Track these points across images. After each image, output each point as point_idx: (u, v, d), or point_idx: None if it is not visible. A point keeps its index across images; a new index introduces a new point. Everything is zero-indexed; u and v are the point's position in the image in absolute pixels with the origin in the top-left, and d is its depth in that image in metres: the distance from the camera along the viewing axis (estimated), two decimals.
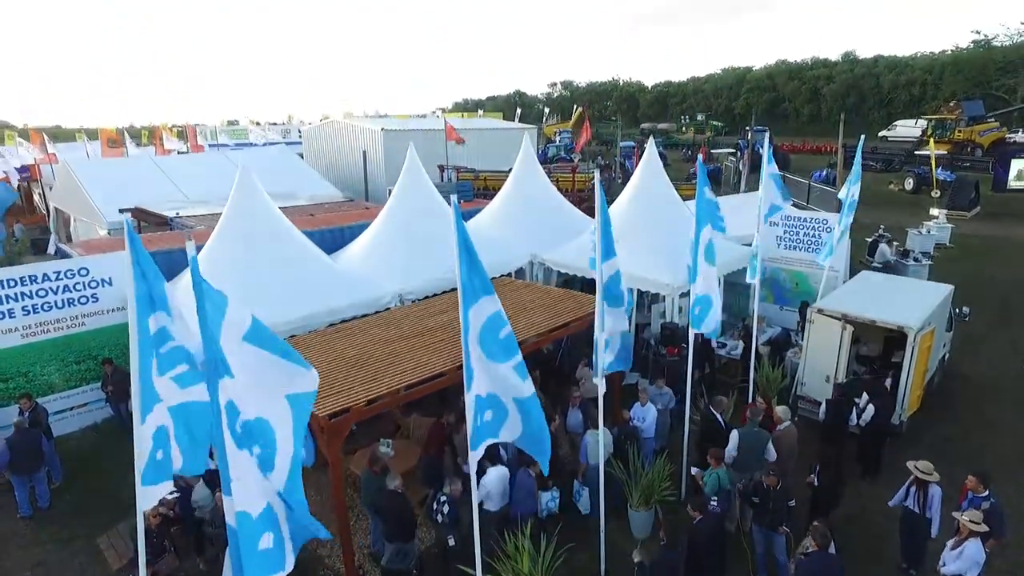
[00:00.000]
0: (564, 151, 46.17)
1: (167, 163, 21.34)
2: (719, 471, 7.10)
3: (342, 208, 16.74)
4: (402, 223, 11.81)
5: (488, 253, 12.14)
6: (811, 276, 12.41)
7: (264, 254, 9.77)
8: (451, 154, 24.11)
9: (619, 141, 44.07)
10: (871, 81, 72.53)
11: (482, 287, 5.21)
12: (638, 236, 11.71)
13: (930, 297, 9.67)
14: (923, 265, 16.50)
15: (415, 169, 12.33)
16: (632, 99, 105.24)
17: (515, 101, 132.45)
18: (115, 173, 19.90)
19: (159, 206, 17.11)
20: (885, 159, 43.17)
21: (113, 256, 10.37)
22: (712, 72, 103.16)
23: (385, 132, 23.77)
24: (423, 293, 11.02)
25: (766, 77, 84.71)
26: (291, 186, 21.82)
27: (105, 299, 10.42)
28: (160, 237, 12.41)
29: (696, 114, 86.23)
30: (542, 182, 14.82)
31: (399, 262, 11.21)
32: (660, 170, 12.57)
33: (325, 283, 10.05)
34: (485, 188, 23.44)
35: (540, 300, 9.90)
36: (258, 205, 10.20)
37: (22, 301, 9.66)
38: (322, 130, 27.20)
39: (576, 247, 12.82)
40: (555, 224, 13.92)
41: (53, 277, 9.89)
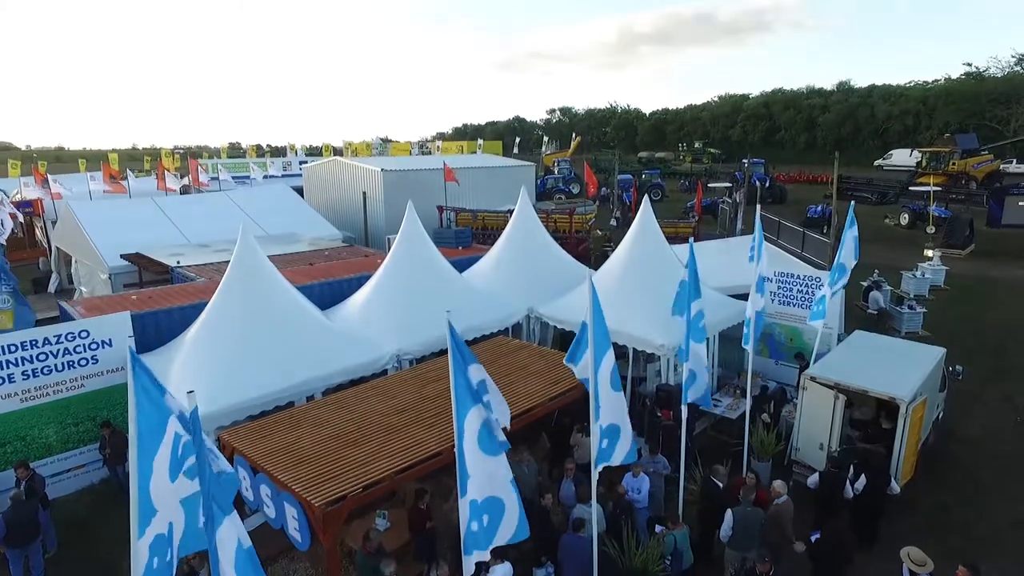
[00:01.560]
0: (562, 182, 46.60)
1: (168, 204, 21.54)
2: (676, 532, 7.49)
3: (341, 255, 16.87)
4: (400, 280, 11.94)
5: (485, 310, 12.44)
6: (806, 331, 12.50)
7: (264, 319, 9.87)
8: (450, 193, 24.37)
9: (617, 173, 44.41)
10: (866, 110, 73.51)
11: (479, 389, 5.30)
12: (633, 294, 11.88)
13: (922, 364, 9.75)
14: (917, 313, 16.61)
15: (413, 224, 12.49)
16: (630, 126, 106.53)
17: (514, 127, 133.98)
18: (117, 215, 20.09)
19: (160, 251, 17.26)
20: (880, 191, 43.55)
21: (114, 317, 10.44)
22: (709, 99, 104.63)
23: (385, 173, 24.05)
24: (421, 352, 11.12)
25: (762, 106, 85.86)
26: (291, 226, 22.06)
27: (104, 360, 10.48)
28: (162, 293, 12.51)
29: (694, 142, 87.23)
30: (539, 232, 14.98)
31: (397, 320, 11.32)
32: (655, 227, 12.74)
33: (324, 347, 10.14)
34: (483, 228, 23.67)
35: (537, 364, 9.99)
36: (258, 267, 10.31)
37: (22, 366, 9.72)
38: (322, 168, 27.50)
39: (573, 301, 12.95)
40: (552, 276, 14.05)
41: (54, 341, 9.96)
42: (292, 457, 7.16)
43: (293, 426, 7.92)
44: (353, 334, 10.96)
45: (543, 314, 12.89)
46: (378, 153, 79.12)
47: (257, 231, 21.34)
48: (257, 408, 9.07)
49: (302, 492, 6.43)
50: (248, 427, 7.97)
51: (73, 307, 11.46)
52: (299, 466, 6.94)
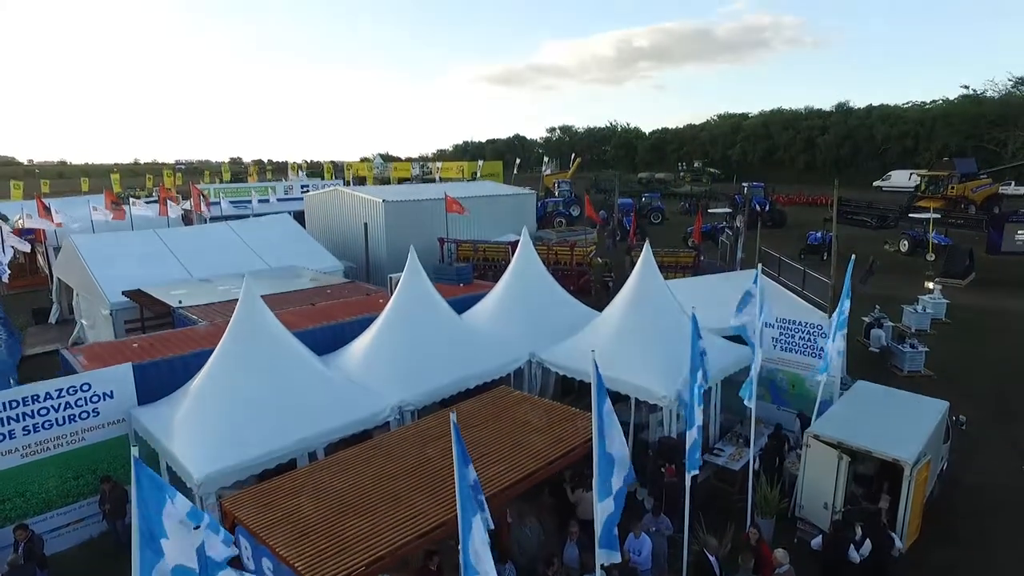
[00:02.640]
0: (563, 205, 46.73)
1: (170, 237, 21.61)
2: None
3: (343, 292, 16.89)
4: (403, 328, 11.94)
5: (487, 356, 12.42)
6: (807, 379, 12.49)
7: (266, 375, 9.87)
8: (451, 222, 24.47)
9: (617, 197, 44.59)
10: (864, 132, 74.05)
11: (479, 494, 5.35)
12: (635, 344, 11.87)
13: (926, 420, 9.73)
14: (919, 352, 16.60)
15: (416, 271, 12.51)
16: (630, 145, 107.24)
17: (515, 145, 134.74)
18: (119, 249, 20.12)
19: (162, 289, 17.28)
20: (880, 216, 43.67)
21: (115, 370, 10.43)
22: (708, 118, 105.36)
23: (386, 203, 24.16)
24: (422, 403, 11.10)
25: (761, 126, 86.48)
26: (293, 258, 22.12)
27: (105, 412, 10.46)
28: (163, 339, 12.50)
29: (693, 161, 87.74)
30: (541, 273, 15.00)
31: (398, 369, 11.31)
32: (656, 275, 12.77)
33: (326, 401, 10.11)
34: (484, 259, 23.74)
35: (539, 419, 9.96)
36: (261, 321, 10.32)
37: (23, 421, 9.70)
38: (324, 197, 27.65)
39: (575, 346, 12.94)
40: (554, 318, 14.07)
41: (55, 395, 9.95)
42: (294, 528, 7.12)
43: (295, 492, 7.87)
44: (355, 386, 10.94)
45: (545, 360, 12.87)
46: (379, 172, 79.54)
47: (259, 264, 21.46)
48: (259, 467, 9.03)
49: (304, 571, 6.38)
50: (249, 493, 7.93)
51: (75, 356, 11.44)
52: (301, 540, 6.89)
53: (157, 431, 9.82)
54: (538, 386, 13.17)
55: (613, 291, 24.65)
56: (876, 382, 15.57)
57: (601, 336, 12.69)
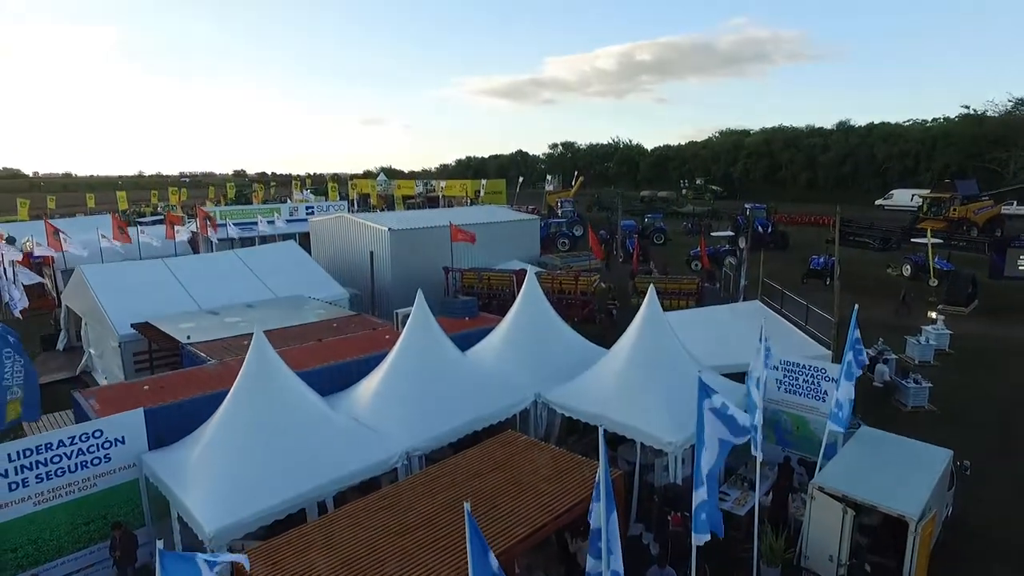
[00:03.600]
0: (566, 226, 46.94)
1: (178, 266, 21.79)
2: None
3: (350, 327, 17.03)
4: (410, 373, 12.06)
5: (494, 398, 12.52)
6: (812, 421, 12.58)
7: (275, 425, 10.00)
8: (455, 248, 24.65)
9: (620, 219, 44.86)
10: (866, 150, 74.48)
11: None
12: (640, 387, 11.98)
13: (931, 471, 9.81)
14: (923, 388, 16.66)
15: (424, 314, 12.65)
16: (632, 161, 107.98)
17: (518, 161, 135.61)
18: (127, 280, 20.29)
19: (170, 321, 17.44)
20: (882, 237, 43.84)
21: (127, 416, 10.55)
22: (710, 136, 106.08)
23: (392, 232, 24.37)
24: (430, 448, 11.20)
25: (763, 143, 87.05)
26: (299, 286, 22.26)
27: (117, 458, 10.57)
28: (172, 381, 12.64)
29: (695, 178, 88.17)
30: (546, 311, 15.12)
31: (406, 414, 11.42)
32: (662, 319, 12.88)
33: (334, 450, 10.21)
34: (489, 288, 23.89)
35: (546, 467, 10.05)
36: (270, 370, 10.45)
37: (36, 469, 9.82)
38: (329, 223, 27.90)
39: (580, 386, 13.05)
40: (559, 357, 14.19)
41: (68, 442, 10.07)
42: None
43: (304, 548, 7.97)
44: (363, 431, 11.05)
45: (550, 401, 12.97)
46: (383, 190, 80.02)
47: (265, 293, 21.63)
48: (270, 518, 9.13)
49: None
50: (260, 550, 8.01)
51: (87, 400, 11.57)
52: None
53: (168, 478, 9.94)
54: (544, 426, 13.27)
55: (618, 319, 24.86)
56: (880, 417, 15.77)
57: (605, 377, 12.81)
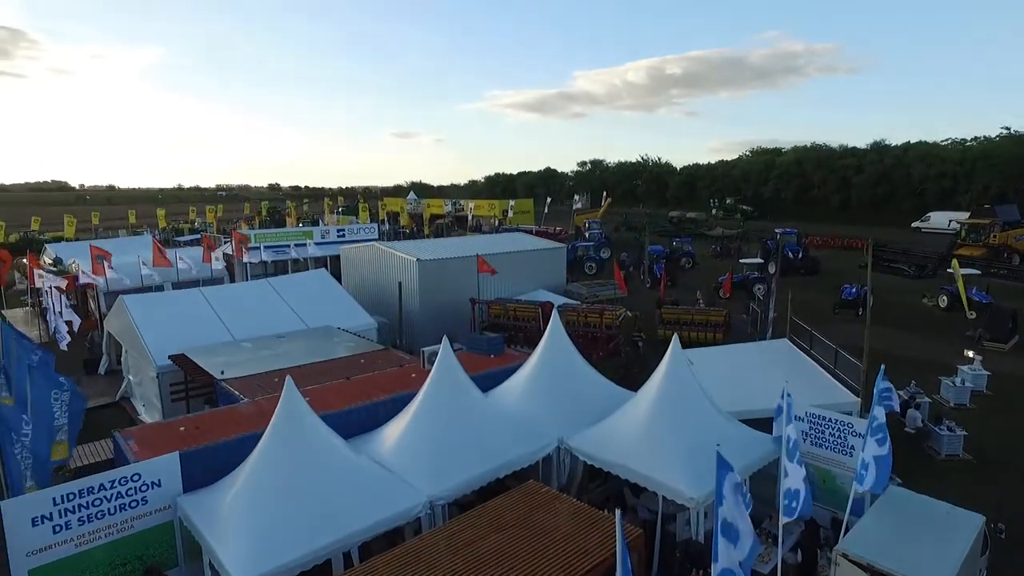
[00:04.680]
0: (593, 249, 46.97)
1: (214, 296, 22.50)
2: None
3: (377, 363, 17.37)
4: (435, 419, 12.28)
5: (517, 443, 12.65)
6: (839, 475, 12.43)
7: (305, 474, 10.29)
8: (483, 277, 24.94)
9: (648, 242, 44.67)
10: (901, 171, 72.88)
11: None
12: (663, 438, 11.99)
13: (962, 538, 9.62)
14: (957, 436, 16.28)
15: (449, 362, 12.88)
16: (660, 180, 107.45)
17: (546, 178, 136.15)
18: (166, 310, 21.09)
19: (205, 354, 18.03)
20: (918, 264, 42.91)
21: (163, 460, 10.97)
22: (741, 154, 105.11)
23: (420, 262, 24.79)
24: (453, 497, 11.37)
25: (795, 163, 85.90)
26: (329, 315, 22.81)
27: (153, 500, 10.97)
28: (207, 421, 13.08)
29: (726, 198, 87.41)
30: (571, 353, 15.23)
31: (429, 461, 11.63)
32: (686, 368, 12.89)
33: (361, 499, 10.45)
34: (515, 319, 24.09)
35: (567, 523, 10.12)
36: (301, 419, 10.78)
37: (78, 512, 10.26)
38: (360, 251, 28.53)
39: (604, 432, 13.10)
40: (584, 401, 14.27)
41: (108, 486, 10.51)
42: None
43: None
44: (388, 477, 11.28)
45: (573, 447, 13.04)
46: (412, 208, 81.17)
47: (297, 323, 22.20)
48: (296, 569, 9.37)
49: None
50: None
51: (126, 440, 12.06)
52: None
53: (200, 523, 10.29)
54: (566, 472, 13.34)
55: (644, 352, 24.79)
56: (913, 467, 15.47)
57: (628, 425, 12.84)
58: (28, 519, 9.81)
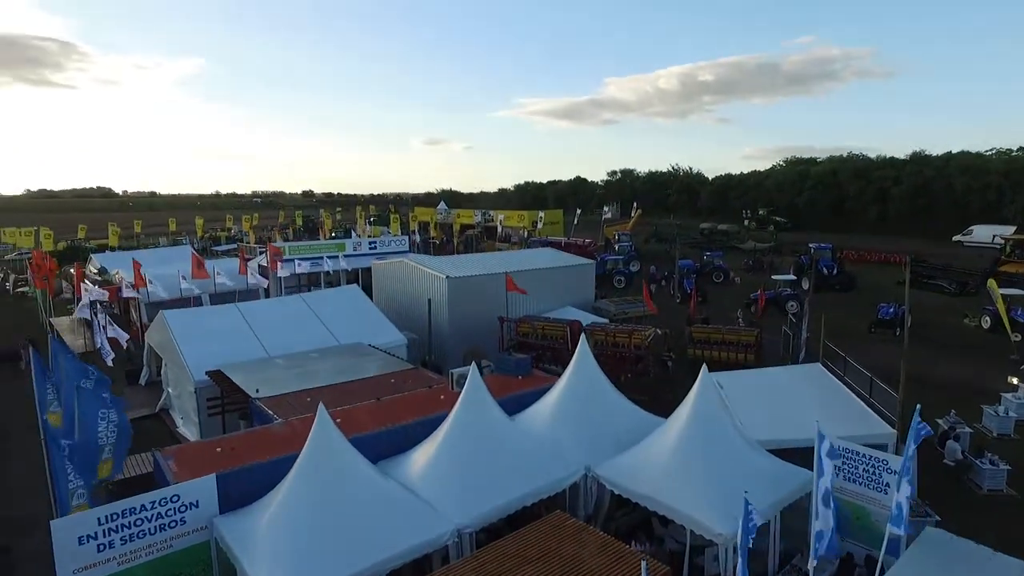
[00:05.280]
0: (622, 263, 46.76)
1: (250, 312, 23.09)
2: None
3: (407, 382, 17.60)
4: (463, 445, 12.42)
5: (545, 471, 12.72)
6: (873, 512, 12.16)
7: (334, 499, 10.54)
8: (511, 294, 25.07)
9: (678, 254, 44.30)
10: (942, 182, 70.80)
11: None
12: (692, 469, 11.92)
13: None
14: (1000, 470, 15.78)
15: (478, 388, 13.03)
16: (692, 190, 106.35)
17: (576, 187, 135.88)
18: (204, 324, 21.72)
19: (241, 371, 18.53)
20: (959, 281, 41.69)
21: (200, 482, 11.32)
22: (774, 164, 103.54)
23: (449, 280, 25.05)
24: (480, 525, 11.48)
25: (830, 173, 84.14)
26: (360, 332, 23.19)
27: (191, 520, 11.31)
28: (242, 442, 13.45)
29: (758, 209, 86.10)
30: (599, 379, 15.24)
31: (458, 488, 11.77)
32: (717, 399, 12.82)
33: (389, 526, 10.63)
34: (544, 336, 24.15)
35: (592, 558, 10.13)
36: (332, 446, 11.05)
37: (121, 532, 10.64)
38: (391, 267, 28.97)
39: (632, 461, 13.07)
40: (612, 428, 14.26)
41: (149, 507, 10.87)
42: None
43: None
44: (417, 504, 11.45)
45: (600, 476, 13.04)
46: (443, 218, 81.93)
47: (329, 339, 22.62)
48: None
49: None
50: None
51: (165, 460, 12.48)
52: None
53: (235, 546, 10.59)
54: (593, 500, 13.34)
55: (673, 371, 24.58)
56: (952, 502, 15.03)
57: (657, 454, 12.79)
58: (75, 537, 10.22)
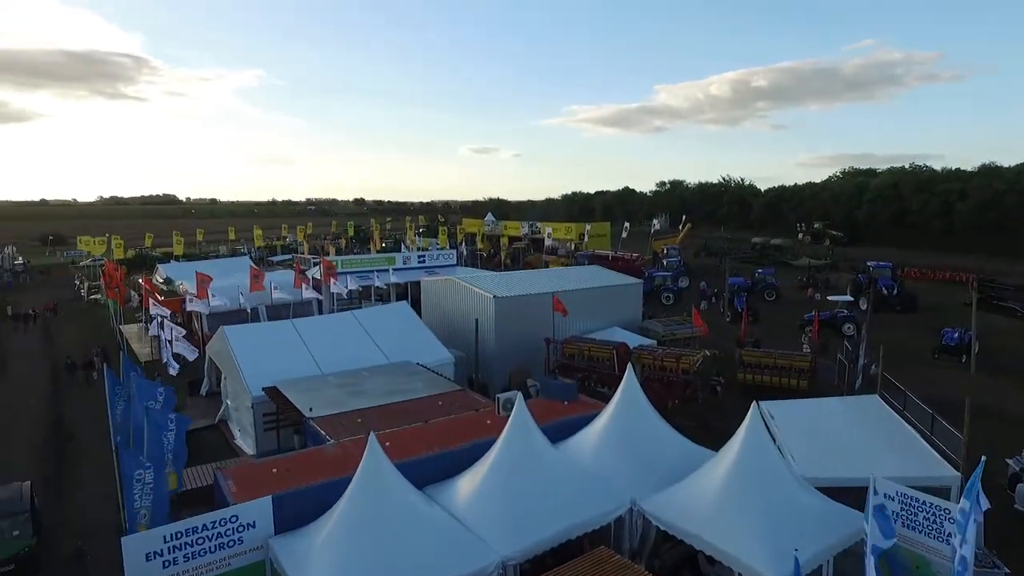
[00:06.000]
0: (670, 280, 46.16)
1: (304, 328, 23.90)
2: None
3: (454, 405, 17.89)
4: (509, 476, 12.54)
5: (590, 504, 12.71)
6: (934, 563, 11.65)
7: (384, 526, 10.82)
8: (558, 314, 25.16)
9: (728, 271, 43.43)
10: (1014, 198, 67.02)
11: None
12: (741, 508, 11.70)
13: None
14: None
15: (523, 420, 13.15)
16: (743, 202, 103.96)
17: (624, 198, 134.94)
18: (262, 340, 22.60)
19: (295, 387, 19.20)
20: None
21: (257, 504, 11.79)
22: (831, 175, 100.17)
23: (496, 299, 25.33)
24: (525, 557, 11.56)
25: (891, 186, 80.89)
26: (408, 350, 23.69)
27: (248, 540, 11.79)
28: (297, 463, 13.94)
29: (814, 222, 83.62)
30: (645, 409, 15.14)
31: (503, 519, 11.89)
32: (767, 435, 12.56)
33: (437, 553, 10.85)
34: (590, 358, 24.10)
35: None
36: (382, 475, 11.36)
37: (184, 550, 11.20)
38: (439, 284, 29.53)
39: (679, 497, 12.91)
40: (659, 460, 14.14)
41: (210, 526, 11.41)
42: None
43: None
44: (463, 533, 11.63)
45: (647, 511, 12.92)
46: (490, 230, 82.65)
47: (379, 357, 23.18)
48: None
49: None
50: None
51: (225, 479, 13.06)
52: None
53: (288, 566, 11.00)
54: (638, 535, 13.23)
55: (722, 398, 24.11)
56: (1022, 550, 14.23)
57: (705, 491, 12.59)
58: (143, 554, 10.81)
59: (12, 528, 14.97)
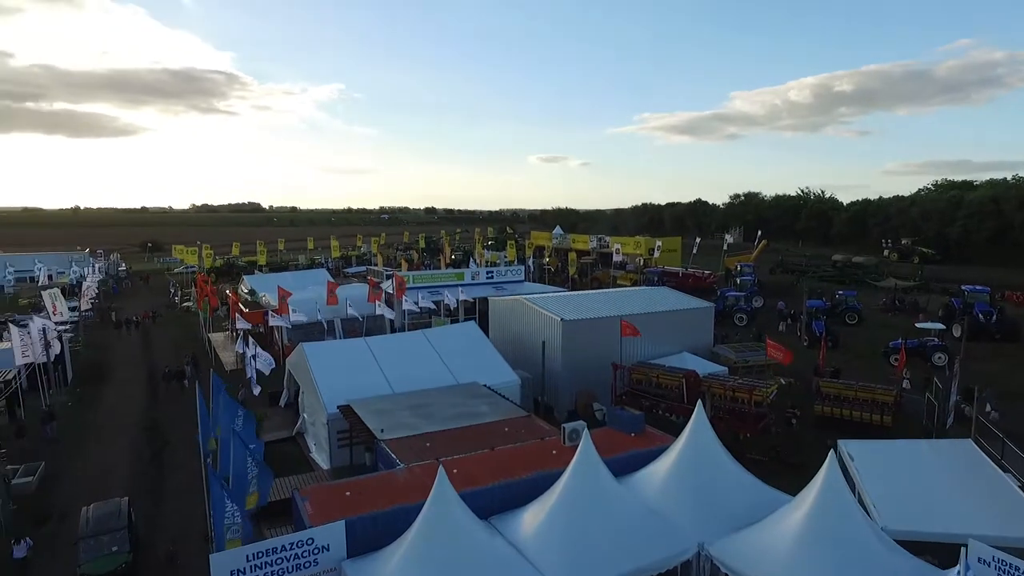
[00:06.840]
0: (744, 300, 44.67)
1: (376, 346, 24.77)
2: None
3: (520, 432, 18.07)
4: (573, 515, 12.57)
5: (656, 546, 12.54)
6: None
7: (451, 557, 11.11)
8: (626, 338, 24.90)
9: (806, 291, 41.61)
10: None
11: None
12: (815, 564, 11.26)
13: None
14: None
15: (590, 456, 13.16)
16: (823, 216, 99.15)
17: (696, 210, 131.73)
18: (337, 357, 23.60)
19: (367, 406, 19.94)
20: None
21: (331, 528, 12.33)
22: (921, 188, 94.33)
23: (564, 322, 25.38)
24: None
25: (989, 201, 75.20)
26: (476, 370, 24.08)
27: (323, 562, 12.35)
28: (369, 487, 14.48)
29: (901, 239, 78.98)
30: (715, 448, 14.79)
31: (568, 561, 11.91)
32: (845, 487, 12.03)
33: None
34: (658, 385, 23.73)
35: None
36: (453, 509, 11.66)
37: (264, 569, 11.85)
38: (507, 304, 29.88)
39: (751, 541, 12.55)
40: (728, 503, 13.77)
41: (288, 547, 12.03)
42: None
43: None
44: (523, 571, 11.75)
45: (715, 556, 12.62)
46: (558, 243, 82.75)
47: (447, 376, 23.70)
48: None
49: None
50: None
51: (303, 500, 13.74)
52: None
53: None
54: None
55: (798, 430, 23.15)
56: None
57: (776, 540, 12.17)
58: (228, 572, 11.54)
59: (111, 543, 16.14)
